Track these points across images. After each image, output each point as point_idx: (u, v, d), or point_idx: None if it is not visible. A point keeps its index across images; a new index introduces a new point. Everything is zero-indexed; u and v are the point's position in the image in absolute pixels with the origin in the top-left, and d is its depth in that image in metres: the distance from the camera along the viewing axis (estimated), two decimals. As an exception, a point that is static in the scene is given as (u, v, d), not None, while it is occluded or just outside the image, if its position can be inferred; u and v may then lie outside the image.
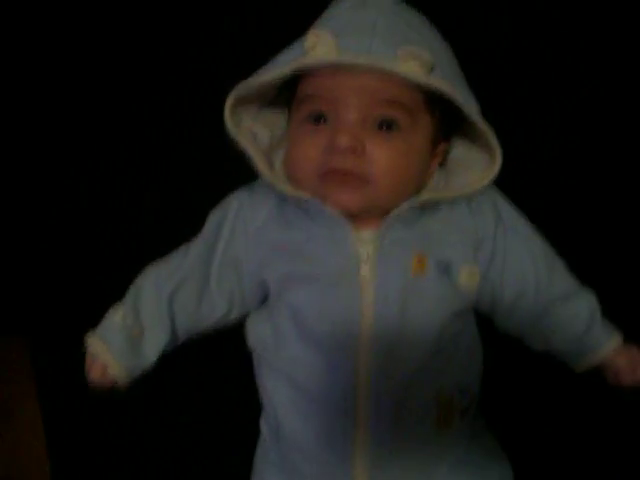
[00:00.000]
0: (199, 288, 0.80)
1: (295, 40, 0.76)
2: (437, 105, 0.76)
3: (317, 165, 0.74)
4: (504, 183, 0.81)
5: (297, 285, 0.76)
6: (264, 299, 0.83)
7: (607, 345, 0.80)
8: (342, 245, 0.75)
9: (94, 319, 0.78)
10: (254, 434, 0.85)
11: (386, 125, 0.74)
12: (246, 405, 0.86)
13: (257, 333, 0.81)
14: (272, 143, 0.82)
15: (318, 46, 0.71)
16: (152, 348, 0.78)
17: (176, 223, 0.93)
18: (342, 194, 0.73)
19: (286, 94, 0.80)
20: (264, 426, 0.83)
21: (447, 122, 0.80)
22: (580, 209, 0.98)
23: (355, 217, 0.75)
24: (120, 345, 0.75)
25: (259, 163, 0.77)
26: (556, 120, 0.99)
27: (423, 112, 0.76)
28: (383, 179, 0.73)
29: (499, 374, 0.87)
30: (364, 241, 0.75)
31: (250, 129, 0.80)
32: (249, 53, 0.81)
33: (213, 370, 0.93)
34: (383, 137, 0.73)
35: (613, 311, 0.82)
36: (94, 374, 0.75)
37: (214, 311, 0.81)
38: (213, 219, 0.83)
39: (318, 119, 0.75)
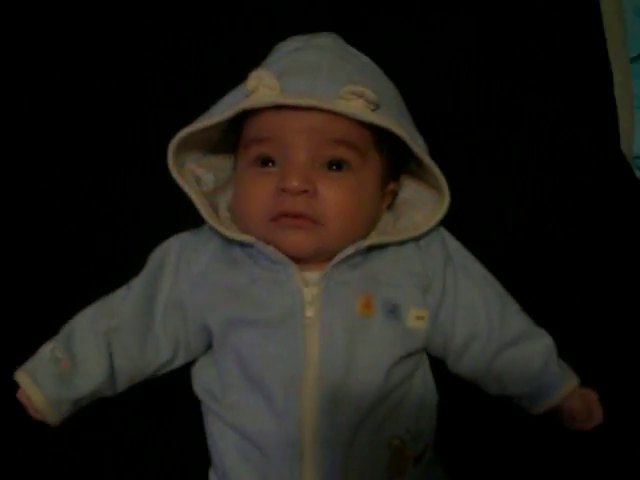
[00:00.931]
0: (141, 332, 0.78)
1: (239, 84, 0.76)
2: (385, 144, 0.77)
3: (267, 209, 0.73)
4: (452, 224, 0.82)
5: (241, 328, 0.74)
6: (209, 345, 0.81)
7: (562, 389, 0.79)
8: (287, 287, 0.74)
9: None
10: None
11: (336, 165, 0.74)
12: (197, 457, 0.82)
13: (202, 381, 0.79)
14: (216, 187, 0.82)
15: (261, 87, 0.71)
16: (84, 380, 0.76)
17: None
18: (295, 237, 0.73)
19: (231, 137, 0.80)
20: (212, 476, 0.80)
21: (395, 162, 0.80)
22: (532, 249, 0.98)
23: (300, 259, 0.74)
24: (44, 376, 0.75)
25: (201, 207, 0.77)
26: (507, 161, 1.00)
27: (372, 151, 0.76)
28: (335, 219, 0.73)
29: (457, 418, 0.85)
30: (309, 283, 0.74)
31: (194, 172, 0.80)
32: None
33: (163, 421, 0.90)
34: (333, 177, 0.73)
35: (571, 353, 0.81)
36: (21, 399, 0.75)
37: (159, 356, 0.79)
38: (154, 260, 0.82)
39: (266, 162, 0.75)
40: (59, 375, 0.75)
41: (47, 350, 0.77)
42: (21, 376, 0.75)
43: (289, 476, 0.70)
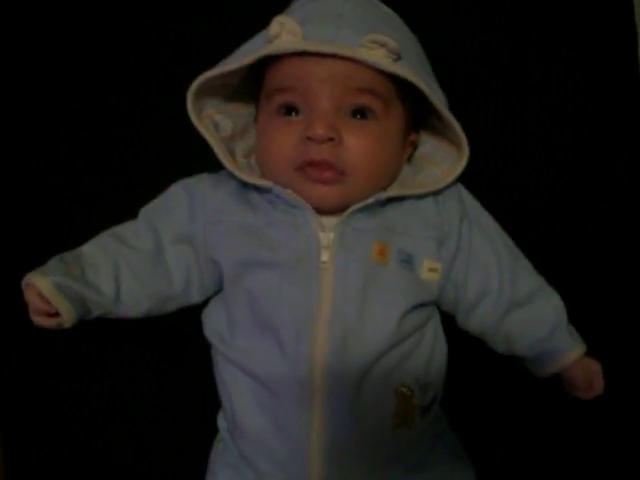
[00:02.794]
0: (151, 257, 0.79)
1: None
2: (407, 95, 0.76)
3: (292, 158, 0.73)
4: (470, 180, 0.81)
5: (255, 270, 0.74)
6: (221, 285, 0.81)
7: (568, 355, 0.79)
8: (303, 230, 0.74)
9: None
10: (212, 432, 0.83)
11: (360, 113, 0.73)
12: (205, 402, 0.84)
13: (212, 323, 0.79)
14: (234, 133, 0.82)
15: (283, 34, 0.71)
16: (87, 285, 0.75)
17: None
18: (320, 190, 0.73)
19: (251, 83, 0.79)
20: (221, 421, 0.81)
21: (416, 113, 0.80)
22: (549, 208, 0.97)
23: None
24: (51, 268, 0.74)
25: (219, 151, 0.77)
26: (526, 117, 0.99)
27: (396, 100, 0.76)
28: (361, 168, 0.73)
29: (466, 376, 0.86)
30: (325, 228, 0.74)
31: (212, 118, 0.80)
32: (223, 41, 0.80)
33: (173, 366, 0.91)
34: (358, 125, 0.73)
35: (579, 316, 0.81)
36: (28, 299, 0.73)
37: (171, 284, 0.80)
38: (168, 194, 0.82)
39: (289, 111, 0.74)
40: (67, 272, 0.74)
41: (55, 257, 0.76)
42: (28, 275, 0.74)
43: (298, 417, 0.71)
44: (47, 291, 0.72)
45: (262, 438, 0.73)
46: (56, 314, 0.74)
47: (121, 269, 0.78)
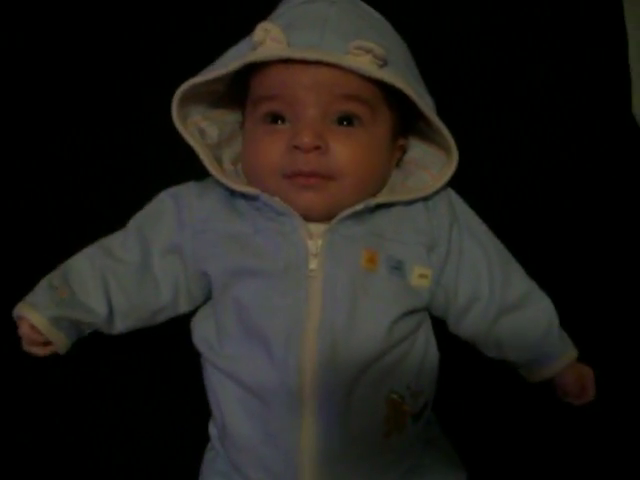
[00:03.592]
0: (138, 269, 0.79)
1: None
2: (395, 100, 0.76)
3: (280, 167, 0.73)
4: (460, 184, 0.81)
5: (242, 279, 0.74)
6: (210, 293, 0.81)
7: (559, 361, 0.79)
8: (291, 238, 0.74)
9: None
10: (203, 441, 0.83)
11: (347, 120, 0.73)
12: (196, 410, 0.83)
13: (201, 332, 0.79)
14: (221, 140, 0.81)
15: (267, 41, 0.70)
16: (81, 309, 0.76)
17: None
18: (307, 196, 0.73)
19: (236, 89, 0.79)
20: (212, 429, 0.81)
21: (404, 119, 0.79)
22: (540, 211, 0.97)
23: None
24: (42, 300, 0.75)
25: (205, 158, 0.76)
26: (516, 119, 0.99)
27: (383, 105, 0.75)
28: (348, 175, 0.72)
29: (458, 381, 0.85)
30: (314, 235, 0.74)
31: (198, 125, 0.79)
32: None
33: (164, 375, 0.91)
34: (345, 132, 0.73)
35: (571, 321, 0.81)
36: (22, 332, 0.75)
37: (158, 297, 0.79)
38: (155, 204, 0.82)
39: (275, 119, 0.74)
40: (58, 301, 0.75)
41: (44, 281, 0.77)
42: (19, 306, 0.75)
43: (288, 425, 0.70)
44: (43, 327, 0.74)
45: (252, 446, 0.73)
46: (50, 342, 0.76)
47: (110, 285, 0.78)
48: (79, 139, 0.98)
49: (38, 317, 0.74)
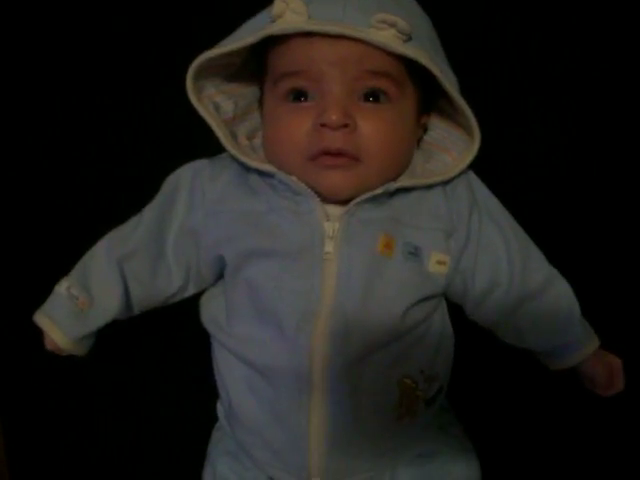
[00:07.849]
0: (153, 258, 0.77)
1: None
2: (418, 76, 0.73)
3: (306, 147, 0.70)
4: (480, 168, 0.78)
5: (256, 260, 0.72)
6: (220, 275, 0.80)
7: (581, 351, 0.77)
8: (307, 219, 0.71)
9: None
10: (211, 421, 0.83)
11: (373, 96, 0.70)
12: (204, 390, 0.83)
13: (210, 311, 0.78)
14: (236, 114, 0.79)
15: (287, 13, 0.67)
16: (101, 314, 0.76)
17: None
18: (334, 178, 0.70)
19: (253, 62, 0.76)
20: (220, 410, 0.81)
21: (427, 95, 0.77)
22: (561, 197, 0.94)
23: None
24: (65, 318, 0.74)
25: (220, 133, 0.74)
26: (540, 105, 0.96)
27: (408, 81, 0.72)
28: (376, 154, 0.70)
29: (473, 367, 0.85)
30: (330, 217, 0.72)
31: (212, 99, 0.77)
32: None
33: (173, 355, 0.91)
34: (372, 109, 0.70)
35: (591, 311, 0.79)
36: (49, 348, 0.76)
37: (171, 283, 0.78)
38: (167, 187, 0.79)
39: (298, 97, 0.71)
40: (77, 313, 0.75)
41: (63, 290, 0.75)
42: (41, 319, 0.75)
43: (297, 408, 0.70)
44: (66, 346, 0.75)
45: (259, 428, 0.73)
46: None
47: (128, 278, 0.76)
48: (91, 119, 0.96)
49: (61, 337, 0.74)
